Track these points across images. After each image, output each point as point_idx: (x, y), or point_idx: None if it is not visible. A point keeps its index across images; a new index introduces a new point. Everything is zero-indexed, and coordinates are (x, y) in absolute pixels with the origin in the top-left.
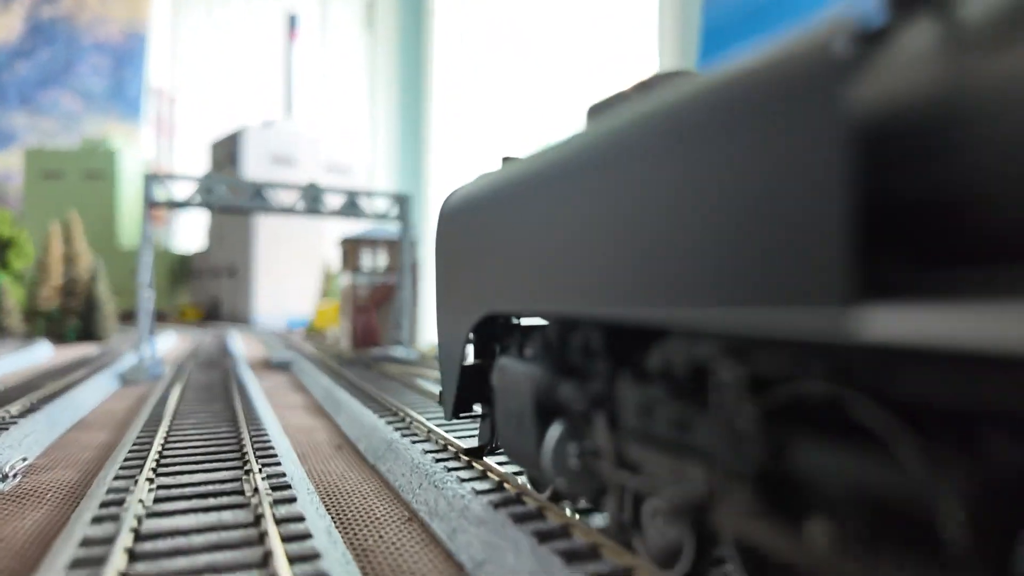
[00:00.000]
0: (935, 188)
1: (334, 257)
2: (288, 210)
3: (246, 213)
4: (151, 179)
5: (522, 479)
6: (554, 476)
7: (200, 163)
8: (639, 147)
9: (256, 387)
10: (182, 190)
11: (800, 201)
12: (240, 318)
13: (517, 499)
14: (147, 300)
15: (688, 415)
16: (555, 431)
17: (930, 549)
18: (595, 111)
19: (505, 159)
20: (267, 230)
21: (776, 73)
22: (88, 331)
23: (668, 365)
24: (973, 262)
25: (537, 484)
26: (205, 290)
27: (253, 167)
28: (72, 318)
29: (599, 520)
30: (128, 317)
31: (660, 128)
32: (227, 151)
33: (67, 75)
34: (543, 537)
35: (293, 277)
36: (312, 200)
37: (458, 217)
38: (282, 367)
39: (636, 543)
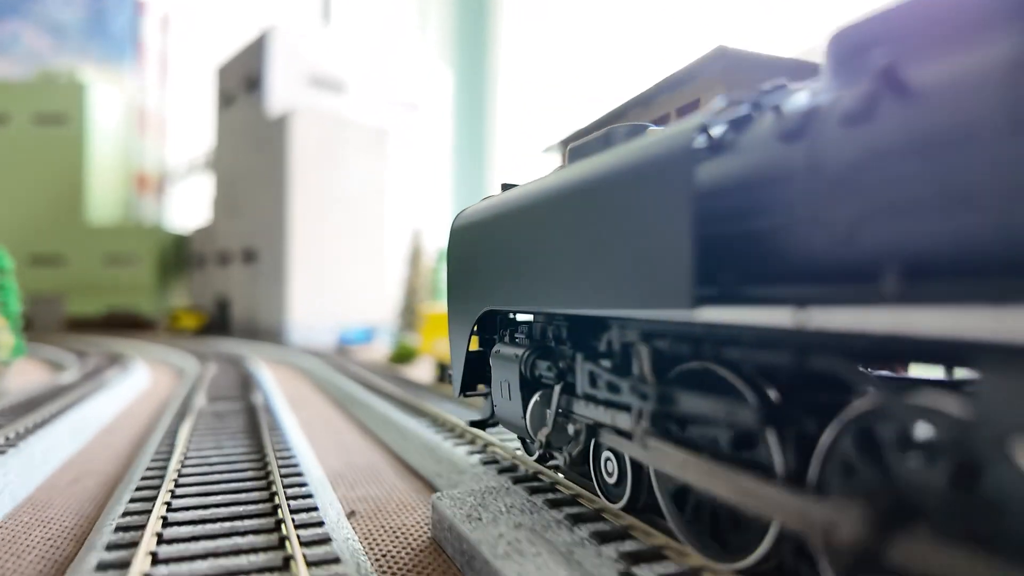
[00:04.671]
0: (748, 233)
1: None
2: None
3: None
4: None
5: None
6: (533, 434)
7: (203, 102)
8: (586, 191)
9: None
10: None
11: (669, 243)
12: (263, 329)
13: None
14: None
15: (616, 380)
16: (534, 399)
17: (759, 455)
18: (573, 152)
19: (503, 185)
20: (305, 192)
21: (659, 152)
22: None
23: (607, 347)
24: (770, 281)
25: (528, 450)
26: (208, 285)
27: (281, 92)
28: None
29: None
30: (89, 326)
31: (597, 180)
32: (244, 71)
33: (31, 1)
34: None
35: (347, 267)
36: None
37: (465, 232)
38: None
39: (557, 460)
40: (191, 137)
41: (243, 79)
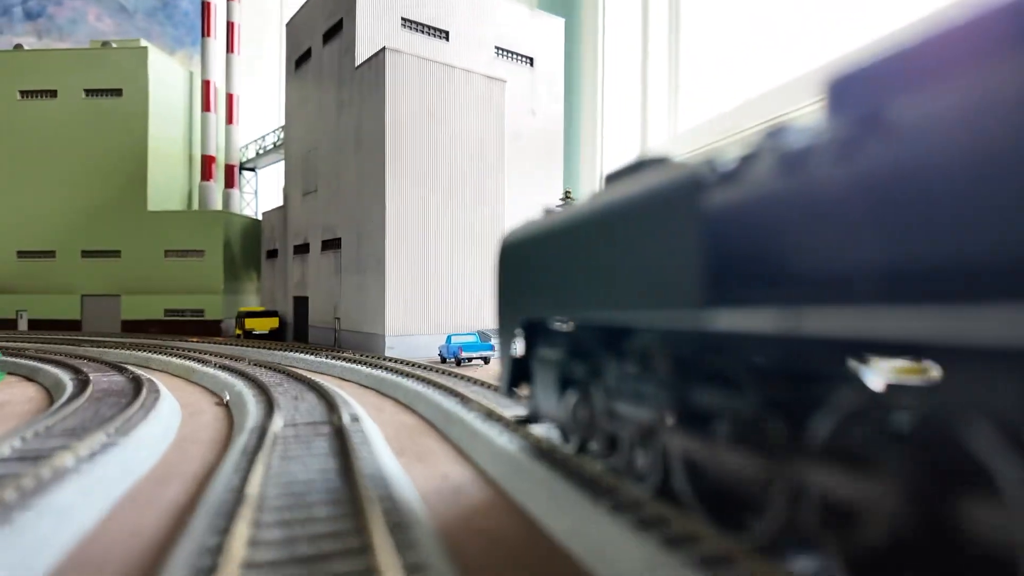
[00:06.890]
0: (748, 248)
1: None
2: None
3: None
4: None
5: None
6: (571, 427)
7: (272, 71)
8: (614, 216)
9: None
10: None
11: (683, 258)
12: (349, 333)
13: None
14: None
15: (641, 380)
16: (571, 397)
17: (762, 435)
18: (610, 179)
19: (545, 211)
20: (403, 157)
21: (677, 185)
22: None
23: (634, 350)
24: (770, 290)
25: (566, 439)
26: (281, 280)
27: (371, 36)
28: None
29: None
30: (146, 327)
31: (623, 207)
32: (322, 17)
33: None
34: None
35: (459, 256)
36: None
37: (512, 252)
38: None
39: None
40: (264, 118)
41: (320, 28)
